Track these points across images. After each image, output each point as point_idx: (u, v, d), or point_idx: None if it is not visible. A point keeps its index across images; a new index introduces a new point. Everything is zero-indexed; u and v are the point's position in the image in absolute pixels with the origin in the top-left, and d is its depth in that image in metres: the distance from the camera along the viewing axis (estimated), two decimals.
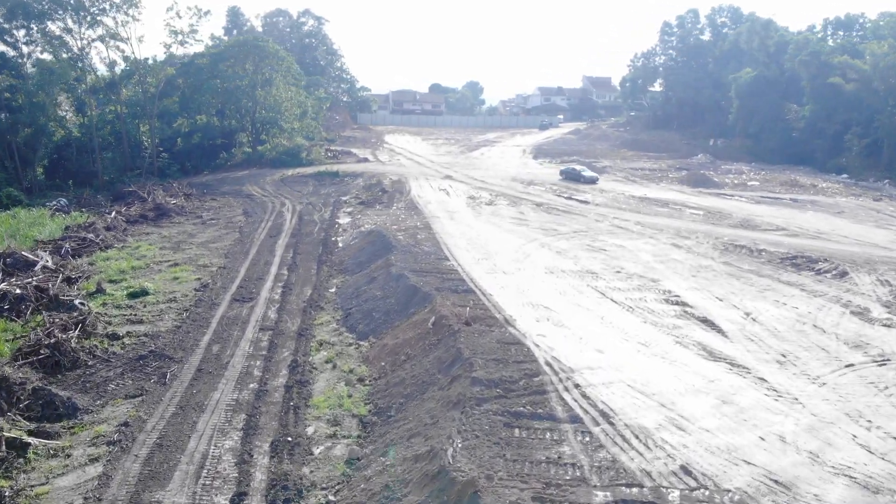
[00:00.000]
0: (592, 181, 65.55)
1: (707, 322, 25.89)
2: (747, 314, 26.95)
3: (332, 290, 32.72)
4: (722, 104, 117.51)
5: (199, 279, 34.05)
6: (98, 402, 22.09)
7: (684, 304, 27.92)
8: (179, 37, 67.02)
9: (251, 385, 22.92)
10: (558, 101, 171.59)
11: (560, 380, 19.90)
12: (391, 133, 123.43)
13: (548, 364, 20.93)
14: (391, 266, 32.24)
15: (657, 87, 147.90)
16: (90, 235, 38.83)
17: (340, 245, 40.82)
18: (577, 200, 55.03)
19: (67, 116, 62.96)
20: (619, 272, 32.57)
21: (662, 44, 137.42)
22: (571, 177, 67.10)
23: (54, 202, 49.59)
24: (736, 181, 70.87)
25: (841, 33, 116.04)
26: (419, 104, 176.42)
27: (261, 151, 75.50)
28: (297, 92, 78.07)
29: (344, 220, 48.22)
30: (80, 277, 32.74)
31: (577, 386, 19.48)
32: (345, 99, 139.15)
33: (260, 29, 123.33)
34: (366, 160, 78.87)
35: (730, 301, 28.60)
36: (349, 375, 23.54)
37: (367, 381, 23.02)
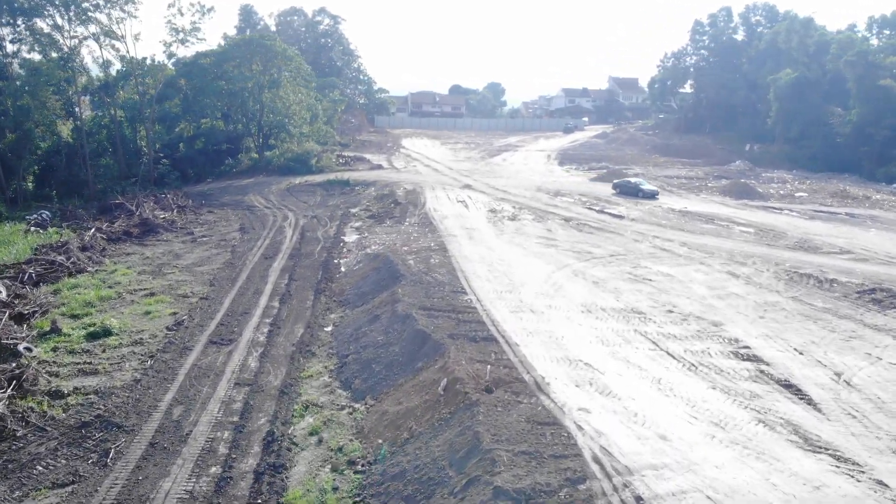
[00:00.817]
0: (652, 196, 58.03)
1: (791, 388, 20.48)
2: (838, 375, 21.50)
3: (329, 328, 27.72)
4: (758, 107, 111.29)
5: (174, 313, 29.24)
6: (16, 492, 17.29)
7: (758, 359, 22.49)
8: (181, 35, 62.55)
9: (213, 469, 17.97)
10: (583, 102, 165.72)
11: (615, 488, 14.65)
12: (409, 137, 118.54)
13: (596, 460, 15.68)
14: (397, 301, 27.16)
15: (687, 88, 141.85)
16: (61, 258, 34.18)
17: (343, 269, 35.82)
18: (610, 215, 49.61)
19: (58, 121, 58.60)
20: (670, 311, 27.20)
21: (693, 43, 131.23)
22: (627, 191, 59.58)
23: (35, 215, 45.13)
24: (781, 192, 65.00)
25: (887, 32, 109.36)
26: (439, 106, 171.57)
27: (268, 158, 70.94)
28: (308, 94, 73.41)
29: (350, 237, 43.27)
30: (35, 312, 28.02)
31: (639, 501, 14.21)
32: (362, 101, 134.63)
33: (274, 28, 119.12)
34: (379, 167, 73.96)
35: (812, 354, 23.13)
36: (337, 456, 18.52)
37: (359, 466, 17.95)
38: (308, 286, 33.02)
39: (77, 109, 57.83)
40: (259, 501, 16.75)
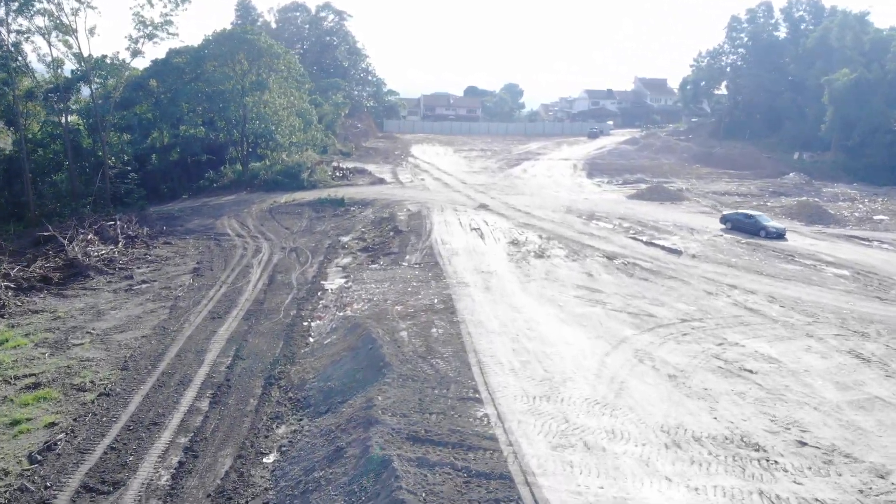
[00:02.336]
0: (780, 236, 44.00)
1: None
2: None
3: (270, 458, 18.09)
4: (806, 110, 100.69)
5: (52, 425, 19.81)
6: None
7: None
8: (149, 28, 53.19)
9: None
10: (608, 105, 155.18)
11: None
12: (419, 143, 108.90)
13: None
14: (372, 424, 17.51)
15: (722, 89, 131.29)
16: None
17: (312, 339, 26.19)
18: (663, 248, 39.68)
19: None
20: (801, 444, 17.31)
21: (730, 41, 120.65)
22: (743, 228, 45.22)
23: None
24: (856, 214, 54.71)
25: None
26: (453, 109, 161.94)
27: (253, 171, 61.66)
28: (300, 97, 64.01)
29: (333, 281, 33.66)
30: None
31: None
32: (370, 104, 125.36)
33: (274, 25, 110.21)
34: (382, 181, 64.32)
35: None
36: None
37: None
38: (258, 370, 23.41)
39: (19, 118, 48.53)
40: None
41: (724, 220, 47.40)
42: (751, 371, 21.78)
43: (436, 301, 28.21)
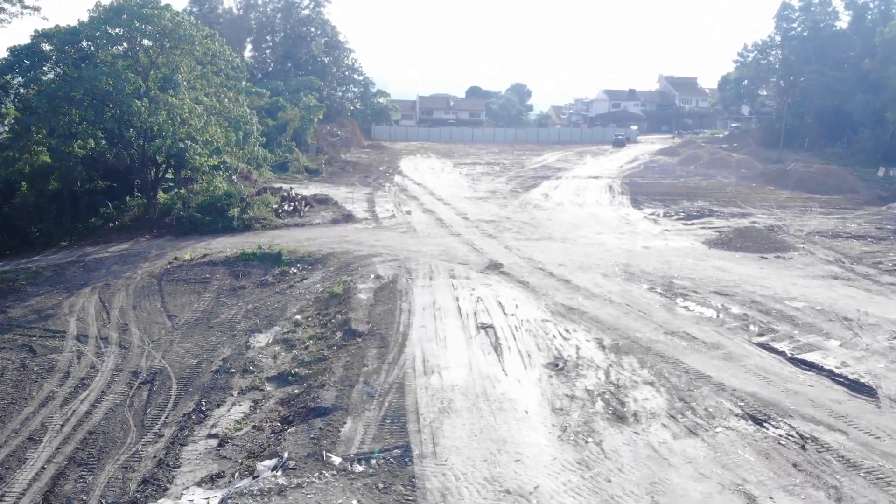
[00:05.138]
0: None
1: None
2: None
3: None
4: (886, 115, 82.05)
5: None
6: None
7: None
8: None
9: None
10: (630, 107, 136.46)
11: None
12: (411, 154, 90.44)
13: None
14: None
15: (765, 90, 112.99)
16: None
17: None
18: (836, 379, 21.00)
19: None
20: None
21: (780, 33, 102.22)
22: None
23: None
24: None
25: None
26: (453, 112, 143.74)
27: (164, 205, 43.29)
28: (233, 99, 45.45)
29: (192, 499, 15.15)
30: None
31: None
32: (355, 107, 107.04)
33: (237, 12, 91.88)
34: (349, 218, 45.63)
35: None
36: None
37: None
38: None
39: None
40: None
41: None
42: None
43: None
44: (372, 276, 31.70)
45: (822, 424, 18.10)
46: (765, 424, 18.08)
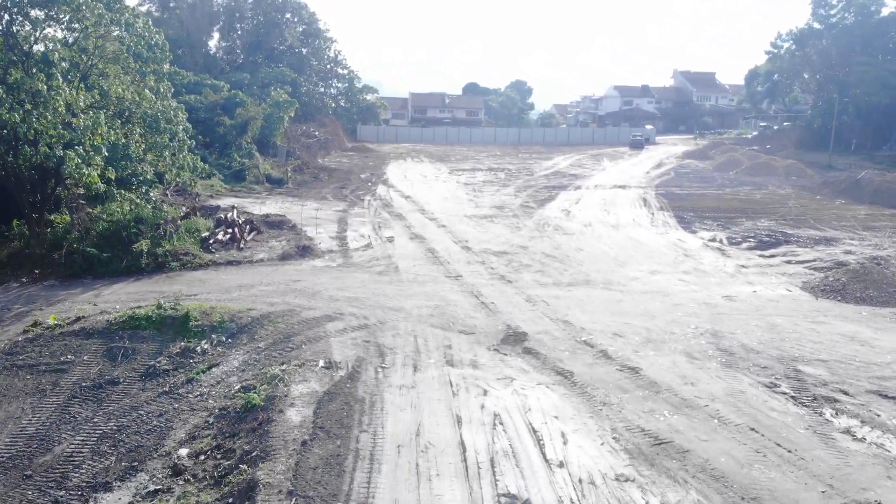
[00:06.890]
0: None
1: None
2: None
3: None
4: None
5: None
6: None
7: None
8: None
9: None
10: (643, 104, 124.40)
11: None
12: (400, 159, 78.43)
13: None
14: None
15: (797, 86, 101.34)
16: None
17: None
18: None
19: None
20: None
21: (818, 20, 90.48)
22: None
23: None
24: None
25: None
26: (449, 110, 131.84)
27: (53, 235, 31.17)
28: (155, 90, 33.31)
29: None
30: None
31: None
32: (338, 104, 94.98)
33: None
34: (305, 251, 33.30)
35: None
36: None
37: None
38: None
39: None
40: None
41: None
42: None
43: None
44: (321, 362, 19.74)
45: None
46: None
